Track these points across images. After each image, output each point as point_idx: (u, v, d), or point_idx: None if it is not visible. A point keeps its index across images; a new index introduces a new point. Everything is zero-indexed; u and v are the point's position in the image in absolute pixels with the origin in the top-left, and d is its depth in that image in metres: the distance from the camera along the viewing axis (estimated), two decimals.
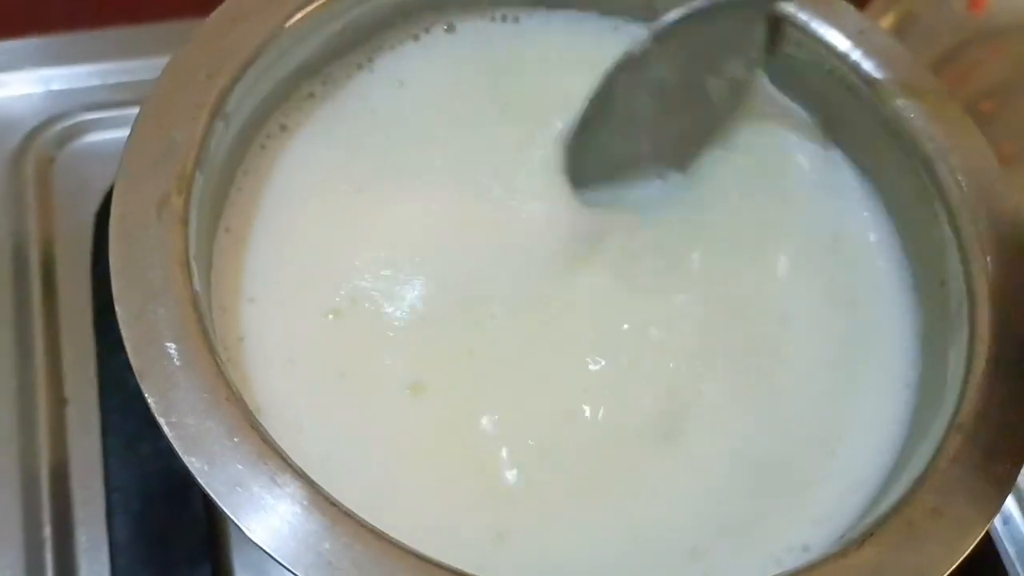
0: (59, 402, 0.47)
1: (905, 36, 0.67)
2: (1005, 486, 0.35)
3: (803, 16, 0.44)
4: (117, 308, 0.33)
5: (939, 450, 0.35)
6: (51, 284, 0.50)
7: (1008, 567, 0.48)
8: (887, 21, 0.67)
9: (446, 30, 0.46)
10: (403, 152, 0.43)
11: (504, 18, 0.47)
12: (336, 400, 0.38)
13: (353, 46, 0.45)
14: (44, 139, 0.54)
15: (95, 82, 0.56)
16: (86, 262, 0.51)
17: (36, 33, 0.56)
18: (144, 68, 0.56)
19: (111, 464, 0.46)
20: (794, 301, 0.42)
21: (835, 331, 0.41)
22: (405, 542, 0.31)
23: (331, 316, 0.39)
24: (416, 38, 0.46)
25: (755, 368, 0.40)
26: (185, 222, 0.35)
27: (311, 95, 0.44)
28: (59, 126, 0.55)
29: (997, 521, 0.49)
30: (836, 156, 0.46)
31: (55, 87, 0.56)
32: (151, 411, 0.32)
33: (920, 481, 0.34)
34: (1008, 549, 0.49)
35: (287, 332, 0.39)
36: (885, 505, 0.35)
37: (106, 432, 0.46)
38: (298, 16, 0.41)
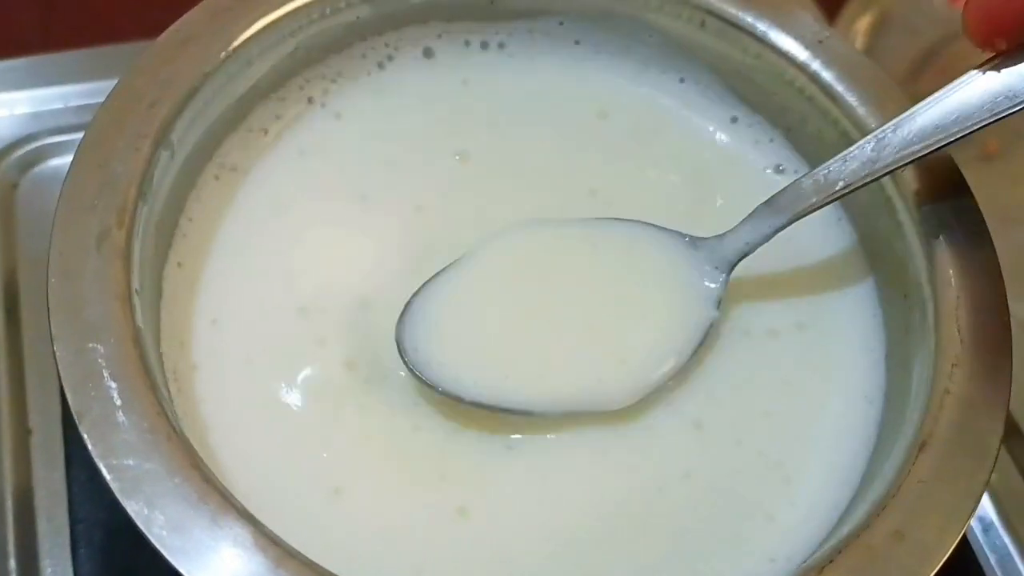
0: (23, 432, 0.47)
1: (884, 35, 0.66)
2: (970, 506, 0.34)
3: (761, 26, 0.43)
4: (55, 347, 0.33)
5: (902, 469, 0.34)
6: (14, 311, 0.50)
7: (989, 575, 0.48)
8: (866, 20, 0.67)
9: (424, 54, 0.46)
10: (359, 190, 0.43)
11: (485, 45, 0.47)
12: (288, 428, 0.38)
13: (306, 68, 0.44)
14: (7, 164, 0.54)
15: (58, 105, 0.55)
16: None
17: None
18: (108, 90, 0.55)
19: (75, 495, 0.45)
20: (752, 314, 0.41)
21: (794, 345, 0.41)
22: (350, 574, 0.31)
23: (287, 344, 0.39)
24: (381, 65, 0.46)
25: (704, 385, 0.40)
26: (127, 255, 0.35)
27: (264, 131, 0.43)
28: (22, 150, 0.54)
29: (978, 529, 0.49)
30: (798, 169, 0.45)
31: (18, 111, 0.55)
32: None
33: (882, 503, 0.33)
34: (989, 557, 0.48)
35: (241, 359, 0.39)
36: (846, 529, 0.34)
37: (70, 463, 0.46)
38: (246, 38, 0.41)
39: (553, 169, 0.45)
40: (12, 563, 0.44)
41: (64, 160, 0.54)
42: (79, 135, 0.52)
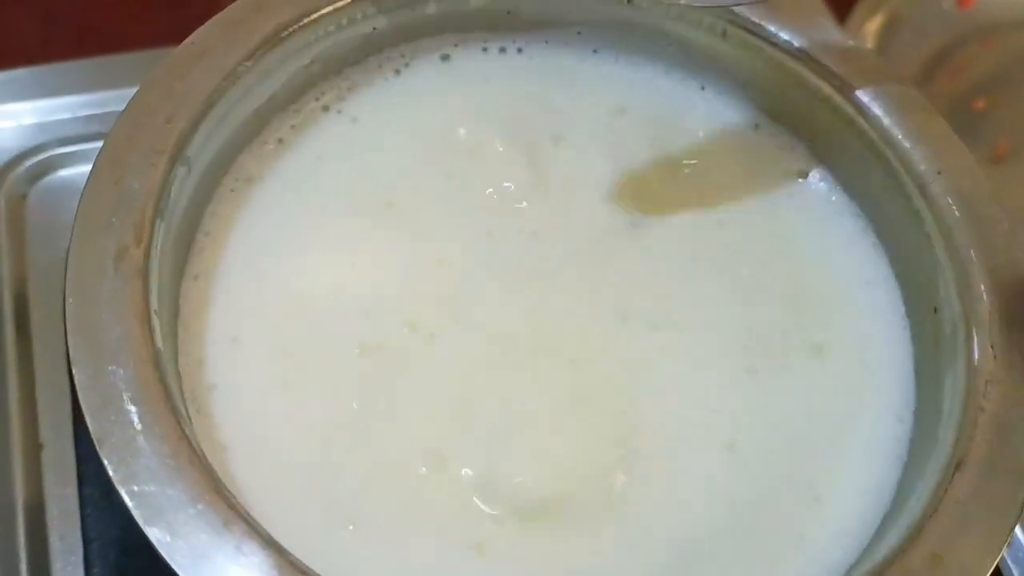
0: (35, 447, 0.46)
1: (894, 37, 0.66)
2: (1008, 526, 0.33)
3: (785, 36, 0.43)
4: (74, 370, 0.32)
5: (937, 490, 0.34)
6: (25, 325, 0.49)
7: None
8: (875, 22, 0.66)
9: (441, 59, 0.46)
10: (377, 197, 0.42)
11: (503, 50, 0.46)
12: (305, 455, 0.37)
13: (323, 80, 0.44)
14: (15, 175, 0.53)
15: (65, 115, 0.55)
16: (60, 302, 0.49)
17: (4, 67, 0.55)
18: (117, 99, 0.54)
19: (88, 512, 0.45)
20: (778, 333, 0.41)
21: (823, 364, 0.40)
22: None
23: (307, 365, 0.38)
24: (398, 72, 0.45)
25: (733, 406, 0.39)
26: (145, 274, 0.34)
27: (280, 140, 0.43)
28: (31, 161, 0.53)
29: None
30: (823, 179, 0.44)
31: (26, 122, 0.54)
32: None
33: (918, 525, 0.33)
34: (1013, 570, 0.48)
35: (258, 376, 0.38)
36: (881, 552, 0.33)
37: (82, 480, 0.45)
38: (262, 52, 0.40)
39: (575, 172, 0.44)
40: None
41: (73, 170, 0.53)
42: (87, 145, 0.53)
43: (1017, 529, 0.48)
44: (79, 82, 0.55)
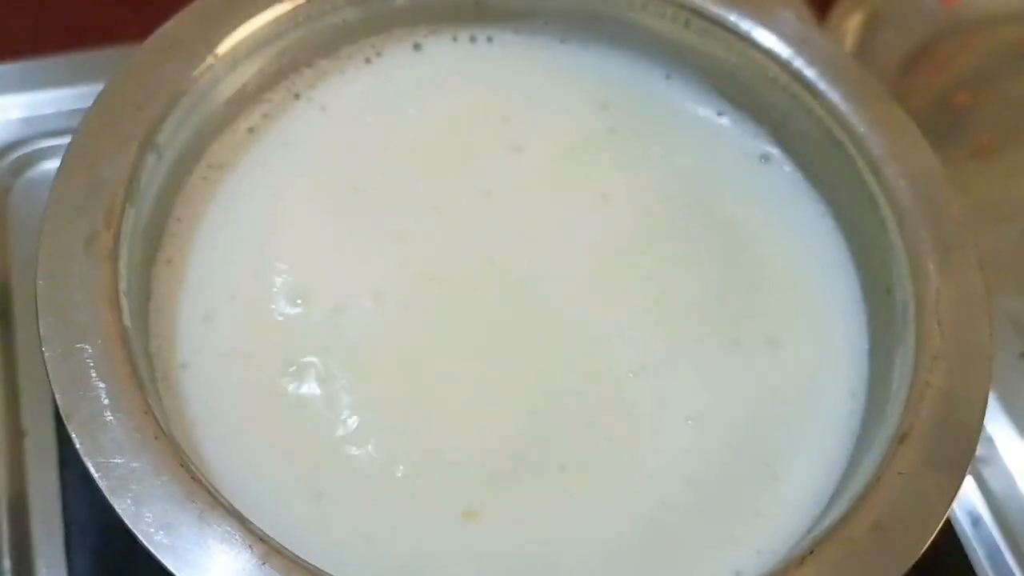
0: (17, 434, 0.47)
1: (876, 32, 0.66)
2: (949, 497, 0.34)
3: (744, 25, 0.44)
4: (43, 349, 0.33)
5: (882, 462, 0.35)
6: (7, 315, 0.50)
7: (978, 570, 0.48)
8: (857, 17, 0.67)
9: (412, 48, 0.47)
10: (344, 183, 0.43)
11: (473, 39, 0.47)
12: (273, 428, 0.38)
13: (294, 70, 0.45)
14: None
15: (50, 109, 0.55)
16: None
17: None
18: None
19: (69, 497, 0.45)
20: (737, 314, 0.41)
21: (781, 345, 0.41)
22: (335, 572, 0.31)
23: (277, 342, 0.39)
24: (368, 60, 0.46)
25: (694, 386, 0.40)
26: (114, 257, 0.35)
27: (251, 129, 0.44)
28: (14, 155, 0.54)
29: (967, 524, 0.49)
30: (782, 163, 0.45)
31: (10, 115, 0.55)
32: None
33: (862, 495, 0.34)
34: (978, 551, 0.48)
35: (229, 353, 0.39)
36: (827, 521, 0.34)
37: (64, 464, 0.46)
38: (232, 42, 0.41)
39: (542, 157, 0.45)
40: (7, 564, 0.44)
41: (56, 163, 0.54)
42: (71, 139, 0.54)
43: (983, 508, 0.49)
44: (64, 76, 0.56)
